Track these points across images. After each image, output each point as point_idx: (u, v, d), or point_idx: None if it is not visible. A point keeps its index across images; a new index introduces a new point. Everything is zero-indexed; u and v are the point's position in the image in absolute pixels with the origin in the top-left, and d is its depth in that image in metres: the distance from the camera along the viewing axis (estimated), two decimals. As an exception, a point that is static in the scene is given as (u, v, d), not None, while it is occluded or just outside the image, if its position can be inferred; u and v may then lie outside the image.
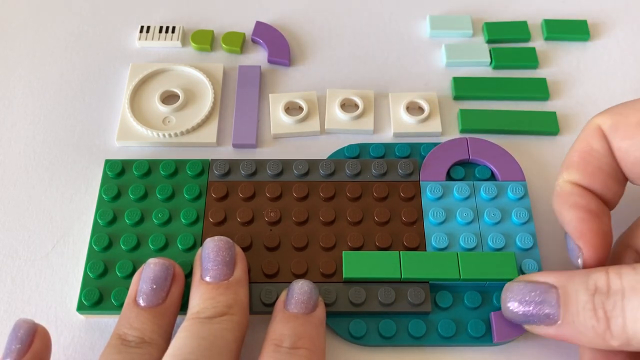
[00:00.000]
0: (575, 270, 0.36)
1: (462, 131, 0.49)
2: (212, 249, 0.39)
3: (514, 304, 0.37)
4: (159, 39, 0.54)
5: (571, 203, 0.39)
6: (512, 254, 0.41)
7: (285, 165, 0.45)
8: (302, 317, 0.37)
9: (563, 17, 0.56)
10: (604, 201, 0.39)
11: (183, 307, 0.39)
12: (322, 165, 0.45)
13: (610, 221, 0.39)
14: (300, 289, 0.38)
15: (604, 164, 0.39)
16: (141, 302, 0.38)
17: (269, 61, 0.53)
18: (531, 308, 0.36)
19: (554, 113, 0.50)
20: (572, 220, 0.38)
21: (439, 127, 0.49)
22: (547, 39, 0.55)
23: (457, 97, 0.51)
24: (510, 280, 0.40)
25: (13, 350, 0.35)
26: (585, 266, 0.38)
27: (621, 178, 0.40)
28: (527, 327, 0.38)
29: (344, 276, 0.41)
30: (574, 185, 0.39)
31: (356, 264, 0.41)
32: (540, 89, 0.51)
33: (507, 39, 0.54)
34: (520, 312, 0.37)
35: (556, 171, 0.46)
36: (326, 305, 0.40)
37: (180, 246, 0.42)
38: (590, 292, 0.34)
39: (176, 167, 0.45)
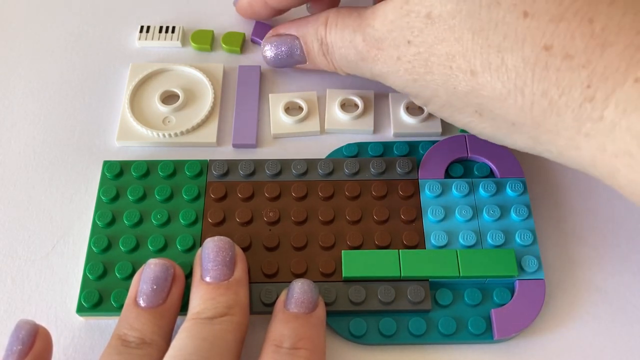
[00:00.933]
0: (308, 19, 0.47)
1: (462, 131, 0.49)
2: (212, 249, 0.39)
3: (268, 51, 0.49)
4: (158, 39, 0.54)
5: None
6: (512, 250, 0.41)
7: (283, 165, 0.45)
8: (303, 317, 0.37)
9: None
10: None
11: (183, 307, 0.39)
12: (321, 165, 0.45)
13: None
14: (300, 288, 0.38)
15: None
16: (141, 303, 0.38)
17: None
18: (283, 52, 0.48)
19: (554, 111, 0.50)
20: None
21: (439, 127, 0.49)
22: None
23: (457, 96, 0.51)
24: (510, 277, 0.41)
25: (14, 352, 0.35)
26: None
27: None
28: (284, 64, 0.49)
29: (343, 275, 0.41)
30: None
31: (356, 262, 0.41)
32: (540, 87, 0.51)
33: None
34: (274, 56, 0.49)
35: (555, 168, 0.46)
36: (326, 304, 0.40)
37: (179, 247, 0.42)
38: (319, 42, 0.46)
39: (175, 168, 0.45)
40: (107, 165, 0.45)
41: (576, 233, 0.45)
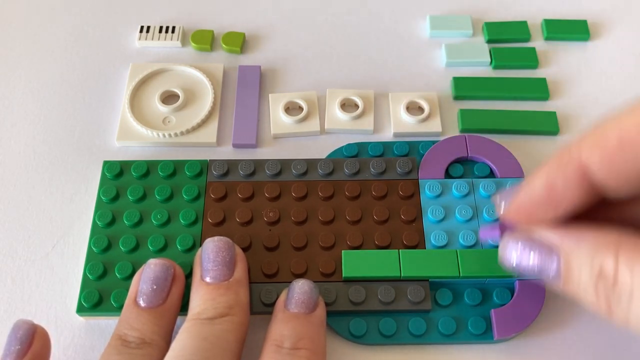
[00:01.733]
0: (582, 234, 0.32)
1: (462, 131, 0.49)
2: (211, 249, 0.39)
3: (513, 256, 0.35)
4: (159, 39, 0.54)
5: None
6: (512, 251, 0.41)
7: (283, 165, 0.45)
8: (303, 317, 0.37)
9: (563, 17, 0.55)
10: None
11: (183, 307, 0.39)
12: (321, 165, 0.45)
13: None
14: (301, 288, 0.38)
15: None
16: (141, 303, 0.38)
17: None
18: (532, 265, 0.34)
19: (554, 113, 0.50)
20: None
21: (439, 127, 0.49)
22: (547, 38, 0.55)
23: (457, 97, 0.51)
24: (510, 277, 0.41)
25: (12, 352, 0.35)
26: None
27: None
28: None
29: (343, 275, 0.41)
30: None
31: (356, 262, 0.41)
32: (540, 89, 0.51)
33: (507, 39, 0.54)
34: (522, 267, 0.35)
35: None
36: (326, 304, 0.40)
37: (179, 247, 0.42)
38: (595, 273, 0.31)
39: (175, 168, 0.45)
40: (107, 165, 0.45)
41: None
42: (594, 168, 0.32)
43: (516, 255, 0.35)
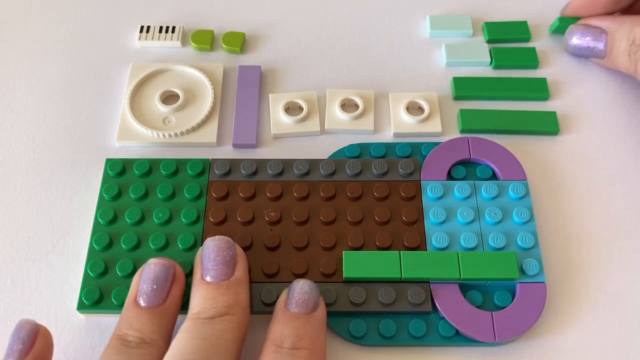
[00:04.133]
0: (623, 17, 0.49)
1: (462, 131, 0.49)
2: (212, 248, 0.39)
3: (575, 38, 0.51)
4: (159, 39, 0.54)
5: None
6: (513, 253, 0.41)
7: (285, 165, 0.45)
8: (303, 317, 0.37)
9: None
10: None
11: (183, 307, 0.39)
12: (323, 165, 0.45)
13: None
14: (301, 288, 0.38)
15: None
16: (141, 303, 0.38)
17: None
18: (587, 42, 0.50)
19: (554, 113, 0.50)
20: None
21: (439, 127, 0.49)
22: (554, 31, 0.55)
23: (457, 97, 0.51)
24: (511, 280, 0.41)
25: (15, 351, 0.35)
26: None
27: None
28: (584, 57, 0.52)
29: (344, 276, 0.41)
30: None
31: (356, 263, 0.41)
32: (540, 89, 0.51)
33: (507, 39, 0.54)
34: (579, 45, 0.51)
35: (557, 171, 0.46)
36: (326, 305, 0.40)
37: (180, 246, 0.42)
38: (629, 41, 0.47)
39: (177, 167, 0.45)
40: (110, 163, 0.46)
41: (577, 236, 0.45)
42: None
43: (576, 37, 0.51)
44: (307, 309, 0.38)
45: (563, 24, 0.54)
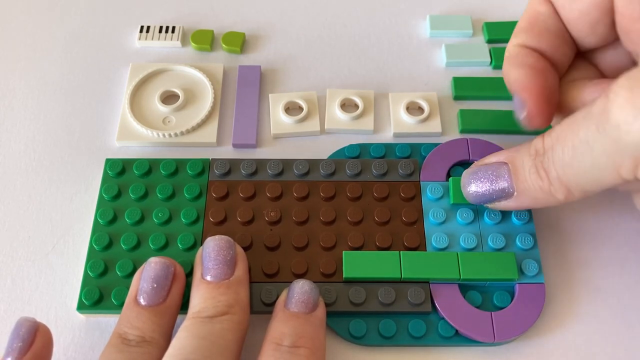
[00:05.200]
0: (521, 144, 0.39)
1: (462, 131, 0.49)
2: (212, 248, 0.39)
3: (472, 186, 0.41)
4: (159, 39, 0.54)
5: (518, 63, 0.41)
6: (512, 254, 0.41)
7: (285, 165, 0.46)
8: (303, 316, 0.37)
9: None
10: (553, 63, 0.41)
11: (183, 306, 0.39)
12: (323, 165, 0.45)
13: (558, 81, 0.41)
14: (301, 288, 0.38)
15: (550, 24, 0.41)
16: (142, 301, 0.38)
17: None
18: (488, 186, 0.40)
19: (554, 113, 0.50)
20: (518, 77, 0.40)
21: (439, 127, 0.49)
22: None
23: (457, 97, 0.51)
24: (510, 280, 0.41)
25: (14, 349, 0.35)
26: (529, 118, 0.39)
27: (568, 39, 0.41)
28: (491, 206, 0.41)
29: (344, 276, 0.41)
30: (521, 48, 0.41)
31: (356, 263, 0.41)
32: (540, 89, 0.51)
33: (507, 39, 0.54)
34: (480, 192, 0.40)
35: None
36: (326, 305, 0.40)
37: (180, 246, 0.42)
38: (532, 156, 0.37)
39: (177, 167, 0.45)
40: (110, 163, 0.46)
41: (577, 237, 0.45)
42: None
43: (473, 181, 0.41)
44: (306, 308, 0.38)
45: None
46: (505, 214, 0.43)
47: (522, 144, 0.39)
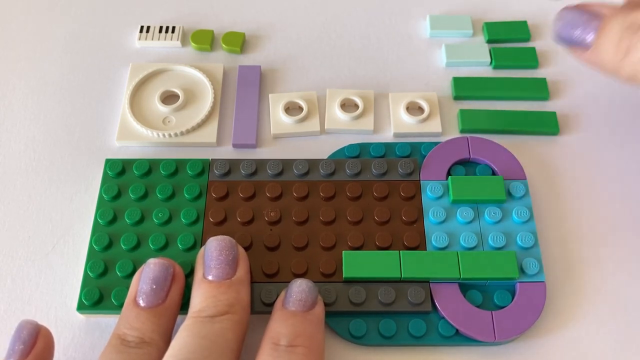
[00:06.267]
0: (623, 7, 0.39)
1: (462, 131, 0.49)
2: (214, 247, 0.39)
3: (559, 23, 0.41)
4: (158, 39, 0.54)
5: None
6: (513, 253, 0.41)
7: (285, 165, 0.45)
8: (300, 315, 0.37)
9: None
10: None
11: (183, 306, 0.39)
12: (323, 165, 0.45)
13: None
14: (299, 287, 0.38)
15: None
16: (141, 302, 0.38)
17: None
18: (572, 30, 0.40)
19: (554, 113, 0.50)
20: None
21: (439, 127, 0.49)
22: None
23: (457, 97, 0.51)
24: (510, 279, 0.41)
25: (16, 351, 0.35)
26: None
27: None
28: (568, 48, 0.42)
29: (344, 276, 0.41)
30: None
31: (356, 263, 0.41)
32: (540, 89, 0.51)
33: (507, 39, 0.54)
34: (564, 32, 0.41)
35: (557, 171, 0.46)
36: (326, 305, 0.40)
37: (180, 246, 0.42)
38: (625, 26, 0.37)
39: (176, 167, 0.45)
40: (109, 163, 0.46)
41: (577, 236, 0.45)
42: None
43: (561, 17, 0.41)
44: (304, 307, 0.38)
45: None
46: (505, 213, 0.43)
47: (623, 7, 0.39)
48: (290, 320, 0.37)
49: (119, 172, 0.45)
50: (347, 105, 0.50)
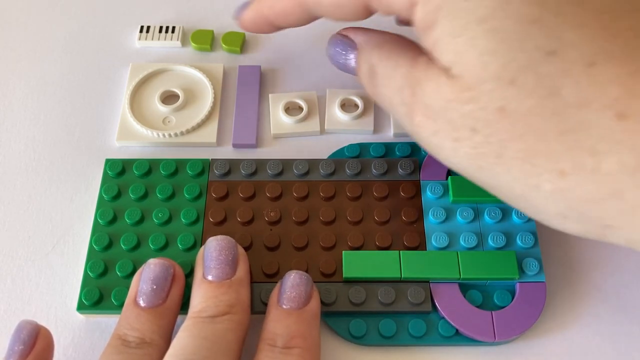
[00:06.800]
0: (373, 30, 0.40)
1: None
2: (214, 247, 0.39)
3: (330, 50, 0.42)
4: (158, 39, 0.54)
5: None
6: (513, 252, 0.41)
7: (285, 165, 0.46)
8: (295, 313, 0.37)
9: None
10: None
11: (183, 306, 0.39)
12: (323, 165, 0.45)
13: None
14: (292, 281, 0.38)
15: None
16: (141, 303, 0.38)
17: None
18: (341, 59, 0.41)
19: (554, 113, 0.49)
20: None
21: (439, 127, 0.49)
22: None
23: (457, 97, 0.51)
24: (510, 279, 0.41)
25: (15, 352, 0.35)
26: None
27: None
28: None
29: (344, 276, 0.41)
30: None
31: (356, 263, 0.41)
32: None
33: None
34: (335, 60, 0.42)
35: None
36: (326, 305, 0.40)
37: (180, 246, 0.42)
38: (369, 65, 0.38)
39: (176, 167, 0.45)
40: (109, 163, 0.46)
41: (577, 236, 0.45)
42: None
43: (331, 46, 0.42)
44: (299, 303, 0.38)
45: None
46: (505, 213, 0.43)
47: (374, 34, 0.40)
48: (285, 320, 0.37)
49: (119, 172, 0.45)
50: (347, 105, 0.50)
